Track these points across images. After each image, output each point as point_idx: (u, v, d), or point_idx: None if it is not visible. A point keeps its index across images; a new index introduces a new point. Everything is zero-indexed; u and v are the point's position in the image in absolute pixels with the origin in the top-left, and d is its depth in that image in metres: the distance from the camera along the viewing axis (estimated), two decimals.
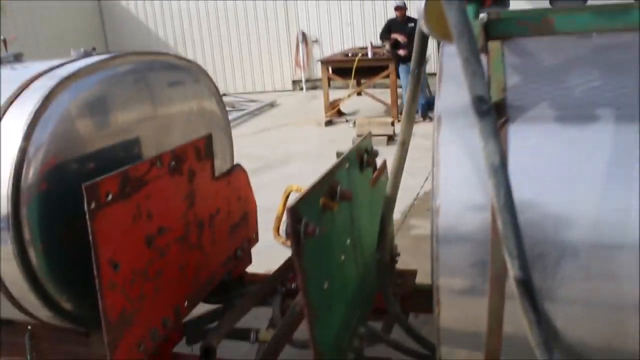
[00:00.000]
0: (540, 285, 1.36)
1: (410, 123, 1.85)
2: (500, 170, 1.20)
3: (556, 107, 1.45)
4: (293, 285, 2.79)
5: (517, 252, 1.23)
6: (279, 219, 1.81)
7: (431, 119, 10.31)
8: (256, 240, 3.10)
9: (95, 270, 1.76)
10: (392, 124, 9.18)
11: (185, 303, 2.33)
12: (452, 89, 1.55)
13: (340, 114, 10.95)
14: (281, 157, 8.48)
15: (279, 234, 1.84)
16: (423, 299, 2.54)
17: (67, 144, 2.00)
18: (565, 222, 1.38)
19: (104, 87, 2.18)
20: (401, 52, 9.51)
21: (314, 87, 13.98)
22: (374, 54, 10.31)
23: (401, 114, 8.73)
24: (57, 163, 1.96)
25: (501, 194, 1.21)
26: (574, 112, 1.43)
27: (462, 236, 1.44)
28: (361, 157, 2.27)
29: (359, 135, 8.89)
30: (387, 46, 9.77)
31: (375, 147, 2.44)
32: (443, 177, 1.46)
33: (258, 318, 2.74)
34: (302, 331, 2.64)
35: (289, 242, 1.86)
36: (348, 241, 2.02)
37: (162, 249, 2.13)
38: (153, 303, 2.08)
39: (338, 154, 8.30)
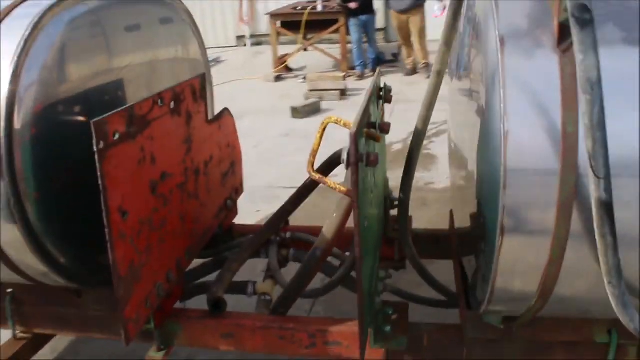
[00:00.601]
0: None
1: (447, 51, 1.72)
2: (597, 85, 1.11)
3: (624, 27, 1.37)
4: (287, 235, 2.67)
5: (605, 172, 1.15)
6: (314, 153, 1.66)
7: (382, 74, 10.31)
8: (242, 190, 2.95)
9: (105, 218, 1.57)
10: (344, 78, 9.05)
11: (185, 256, 2.17)
12: (510, 7, 1.44)
13: (288, 69, 10.70)
14: (234, 113, 8.21)
15: (314, 170, 1.69)
16: (421, 244, 2.48)
17: (59, 80, 1.76)
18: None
19: (94, 18, 1.94)
20: (352, 4, 9.31)
21: (259, 43, 13.57)
22: (324, 7, 10.07)
23: (351, 69, 8.63)
24: (48, 103, 1.73)
25: (595, 111, 1.12)
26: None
27: (530, 161, 1.35)
28: (378, 94, 2.14)
29: (310, 90, 8.73)
30: None
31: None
32: (510, 100, 1.35)
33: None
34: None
35: (325, 179, 1.73)
36: (373, 180, 1.91)
37: (165, 196, 1.95)
38: (158, 255, 1.91)
39: (292, 109, 8.27)
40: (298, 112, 7.70)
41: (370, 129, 1.66)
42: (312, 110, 7.80)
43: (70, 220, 1.85)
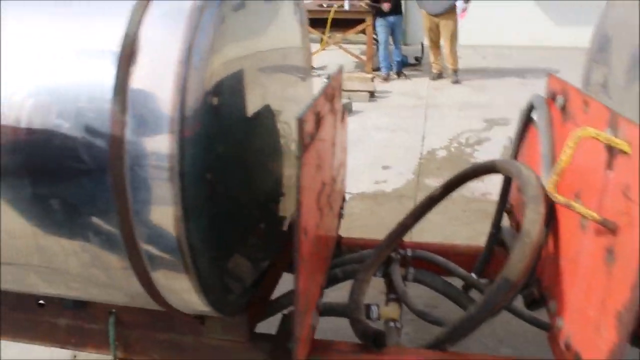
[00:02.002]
0: None
1: None
2: None
3: None
4: (409, 252, 2.37)
5: None
6: (560, 172, 1.34)
7: (406, 76, 10.06)
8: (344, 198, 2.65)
9: (296, 238, 1.27)
10: (372, 79, 8.76)
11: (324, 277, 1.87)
12: None
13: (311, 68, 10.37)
14: None
15: (556, 192, 1.37)
16: None
17: (226, 61, 1.44)
18: None
19: None
20: (386, 5, 9.01)
21: None
22: (351, 5, 9.78)
23: (376, 70, 8.36)
24: (218, 86, 1.41)
25: None
26: None
27: None
28: None
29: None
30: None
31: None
32: None
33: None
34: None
35: (573, 203, 1.43)
36: None
37: (321, 209, 1.65)
38: (316, 280, 1.61)
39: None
40: None
41: None
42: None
43: (222, 238, 1.54)
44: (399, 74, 9.86)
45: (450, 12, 8.77)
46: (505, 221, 2.46)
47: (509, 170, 1.95)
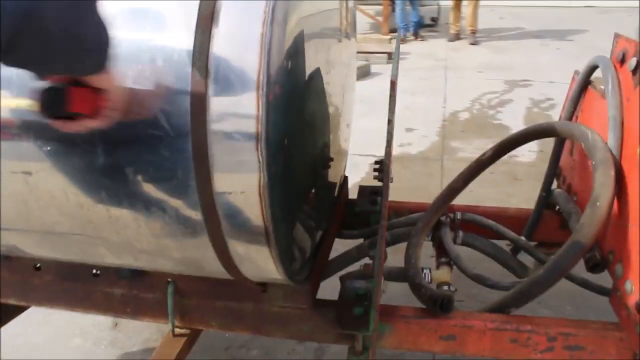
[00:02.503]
0: None
1: None
2: None
3: None
4: (458, 216, 2.34)
5: None
6: None
7: (423, 38, 9.91)
8: None
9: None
10: (389, 41, 8.64)
11: None
12: None
13: None
14: None
15: None
16: None
17: (297, 21, 1.40)
18: None
19: None
20: None
21: None
22: None
23: (392, 31, 8.32)
24: (293, 47, 1.36)
25: None
26: None
27: None
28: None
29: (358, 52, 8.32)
30: None
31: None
32: None
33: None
34: None
35: None
36: None
37: None
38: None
39: None
40: None
41: None
42: (362, 73, 7.41)
43: (294, 208, 1.52)
44: (416, 35, 9.74)
45: None
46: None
47: (572, 133, 1.90)
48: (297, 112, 1.46)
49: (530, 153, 5.08)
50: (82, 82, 1.08)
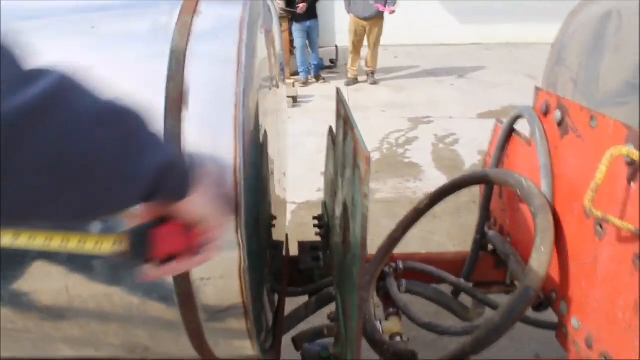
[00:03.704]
0: None
1: None
2: None
3: None
4: (400, 265, 2.41)
5: None
6: (597, 189, 1.40)
7: (324, 79, 10.15)
8: None
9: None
10: (293, 84, 8.79)
11: None
12: None
13: None
14: None
15: (594, 207, 1.43)
16: None
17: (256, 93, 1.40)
18: None
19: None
20: (300, 8, 9.06)
21: None
22: None
23: (294, 74, 8.42)
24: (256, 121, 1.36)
25: None
26: None
27: None
28: None
29: None
30: (282, 3, 9.26)
31: None
32: None
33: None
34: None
35: (610, 217, 1.49)
36: None
37: None
38: None
39: None
40: None
41: None
42: None
43: (260, 276, 1.50)
44: (318, 77, 9.97)
45: (378, 16, 8.96)
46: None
47: (506, 181, 2.02)
48: (260, 182, 1.46)
49: None
50: (170, 217, 0.89)
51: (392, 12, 8.85)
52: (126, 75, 1.20)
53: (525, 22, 12.70)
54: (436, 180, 5.59)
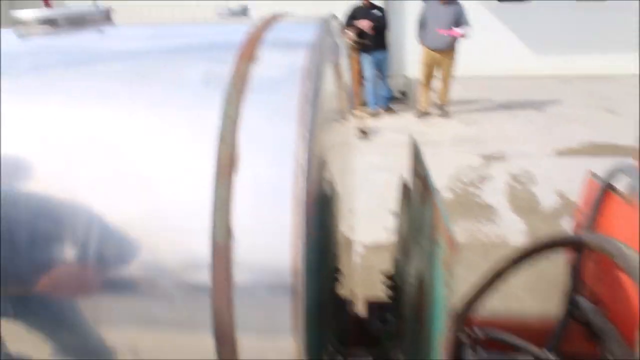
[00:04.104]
0: None
1: None
2: None
3: None
4: (478, 332, 2.17)
5: None
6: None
7: (394, 112, 9.97)
8: None
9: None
10: (362, 117, 8.66)
11: None
12: None
13: None
14: None
15: None
16: None
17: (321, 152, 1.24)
18: None
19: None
20: (364, 26, 8.93)
21: None
22: None
23: (362, 105, 8.27)
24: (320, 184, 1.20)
25: None
26: None
27: None
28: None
29: None
30: (352, 34, 9.18)
31: None
32: None
33: None
34: None
35: None
36: None
37: None
38: None
39: None
40: None
41: None
42: None
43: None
44: (387, 109, 9.80)
45: (452, 47, 8.74)
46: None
47: (604, 248, 1.77)
48: (323, 240, 1.29)
49: (520, 234, 5.00)
50: None
51: (462, 35, 8.58)
52: (171, 133, 1.06)
53: (605, 54, 12.14)
54: (511, 223, 5.28)
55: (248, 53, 1.15)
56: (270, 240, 0.96)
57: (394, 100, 10.40)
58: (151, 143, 1.05)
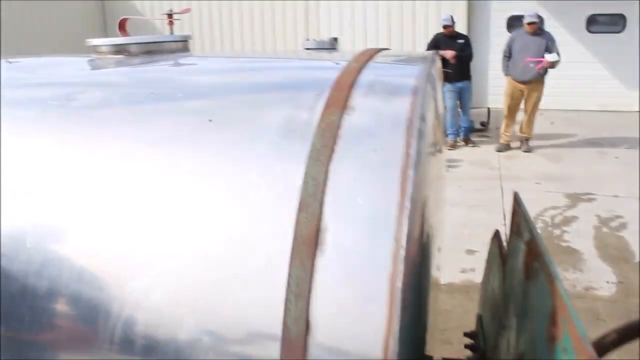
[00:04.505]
0: None
1: None
2: None
3: None
4: None
5: None
6: None
7: (474, 143, 9.59)
8: None
9: None
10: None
11: None
12: None
13: None
14: None
15: None
16: None
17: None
18: None
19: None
20: (449, 55, 8.68)
21: None
22: None
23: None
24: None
25: None
26: None
27: None
28: None
29: None
30: None
31: None
32: None
33: None
34: None
35: None
36: None
37: None
38: None
39: None
40: None
41: None
42: None
43: None
44: (467, 140, 9.47)
45: (539, 79, 8.38)
46: None
47: None
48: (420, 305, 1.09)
49: (609, 285, 4.59)
50: None
51: (551, 65, 8.18)
52: (240, 196, 0.89)
53: None
54: (600, 272, 4.86)
55: (339, 98, 0.97)
56: (355, 340, 0.77)
57: (474, 131, 10.05)
58: (214, 207, 0.88)
